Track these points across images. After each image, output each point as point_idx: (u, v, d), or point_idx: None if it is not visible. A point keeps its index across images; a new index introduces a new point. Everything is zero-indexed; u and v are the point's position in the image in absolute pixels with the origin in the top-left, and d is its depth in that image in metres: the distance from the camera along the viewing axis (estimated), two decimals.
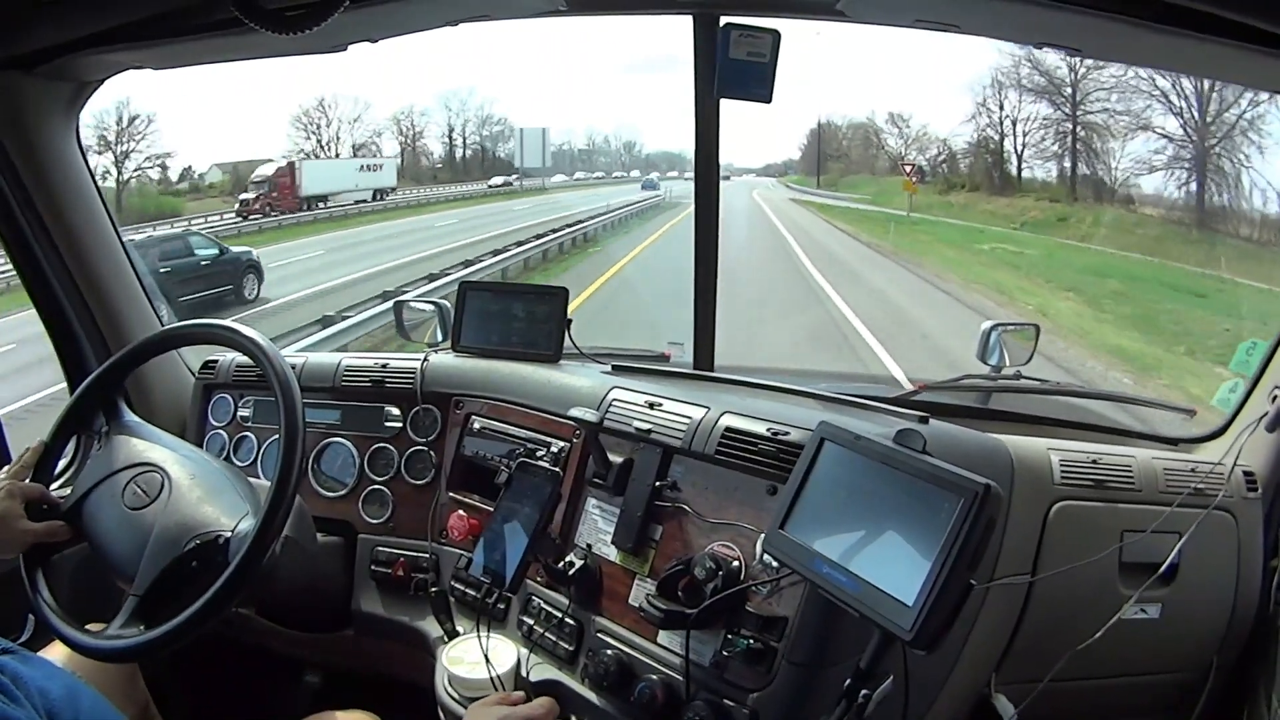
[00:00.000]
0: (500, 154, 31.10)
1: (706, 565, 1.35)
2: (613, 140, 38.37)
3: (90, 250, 1.93)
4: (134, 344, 1.63)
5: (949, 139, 27.28)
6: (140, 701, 1.62)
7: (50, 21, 1.54)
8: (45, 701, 1.20)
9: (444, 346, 2.10)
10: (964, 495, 1.04)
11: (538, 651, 1.57)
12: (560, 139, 34.91)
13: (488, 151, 31.22)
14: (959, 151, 26.20)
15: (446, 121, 30.22)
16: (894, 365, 8.89)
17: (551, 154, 30.92)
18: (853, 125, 33.17)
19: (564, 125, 45.59)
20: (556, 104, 47.16)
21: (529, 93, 46.83)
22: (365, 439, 1.95)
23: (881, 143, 30.69)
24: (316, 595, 1.86)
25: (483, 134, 30.93)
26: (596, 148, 37.69)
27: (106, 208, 1.96)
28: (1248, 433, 1.64)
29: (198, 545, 1.40)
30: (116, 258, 2.00)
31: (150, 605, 1.37)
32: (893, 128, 29.82)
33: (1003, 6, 1.46)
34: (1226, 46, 1.29)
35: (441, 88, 37.49)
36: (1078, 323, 11.86)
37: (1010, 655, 1.49)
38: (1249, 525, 1.61)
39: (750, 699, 1.32)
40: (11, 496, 1.44)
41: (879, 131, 30.92)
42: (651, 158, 38.44)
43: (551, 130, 32.15)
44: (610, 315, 11.14)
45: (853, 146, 33.56)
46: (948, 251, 18.26)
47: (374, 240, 18.39)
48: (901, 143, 29.53)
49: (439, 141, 30.24)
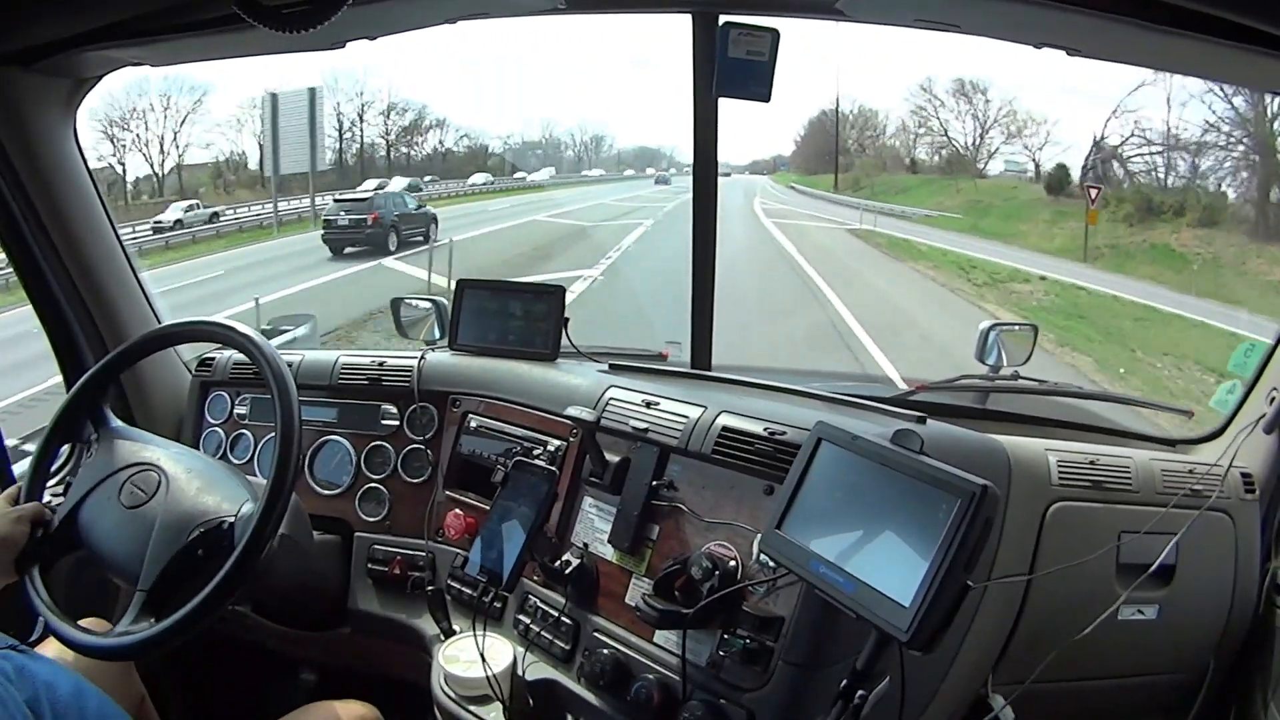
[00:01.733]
0: (419, 154, 28.01)
1: (703, 565, 1.35)
2: (577, 135, 34.93)
3: (87, 247, 1.93)
4: (127, 343, 1.62)
5: (1103, 131, 19.11)
6: (136, 698, 1.62)
7: (48, 17, 1.53)
8: (51, 696, 1.20)
9: (441, 344, 2.10)
10: (961, 496, 1.04)
11: (534, 650, 1.57)
12: (512, 133, 33.32)
13: (394, 148, 27.25)
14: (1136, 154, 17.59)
15: (334, 110, 25.34)
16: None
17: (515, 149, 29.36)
18: (864, 112, 28.43)
19: (519, 119, 43.14)
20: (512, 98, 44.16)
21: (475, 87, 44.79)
22: (362, 437, 1.95)
23: (934, 128, 24.35)
24: (313, 593, 1.86)
25: (389, 124, 26.94)
26: (551, 142, 33.99)
27: (104, 204, 1.96)
28: (1245, 434, 1.64)
29: (202, 533, 1.40)
30: (114, 254, 2.00)
31: (158, 598, 1.37)
32: (958, 103, 23.65)
33: (1002, 6, 1.46)
34: (1224, 47, 1.29)
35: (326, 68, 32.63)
36: None
37: (1007, 656, 1.49)
38: (1246, 526, 1.61)
39: (746, 699, 1.32)
40: (20, 521, 1.44)
41: (923, 109, 24.54)
42: (624, 155, 36.56)
43: (498, 126, 30.50)
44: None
45: (870, 137, 28.00)
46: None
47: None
48: (974, 125, 23.48)
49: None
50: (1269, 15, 1.17)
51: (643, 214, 21.66)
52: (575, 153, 34.59)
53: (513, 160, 30.75)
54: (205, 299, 11.75)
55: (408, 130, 27.50)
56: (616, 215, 22.22)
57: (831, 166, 29.57)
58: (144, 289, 2.08)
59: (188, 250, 16.98)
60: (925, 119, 25.94)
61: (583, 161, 34.61)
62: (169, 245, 17.03)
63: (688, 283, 2.05)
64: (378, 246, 15.06)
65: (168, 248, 16.92)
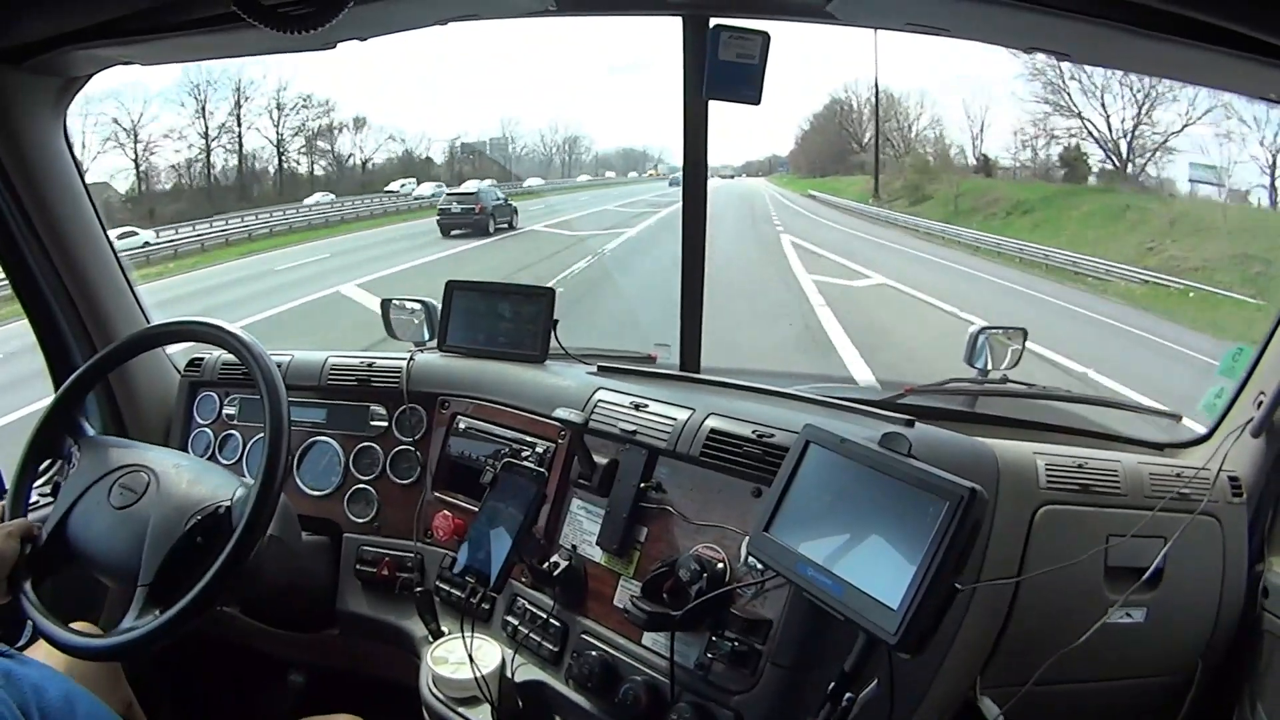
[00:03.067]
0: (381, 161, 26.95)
1: (691, 567, 1.35)
2: (547, 136, 32.54)
3: (76, 247, 1.92)
4: (115, 344, 1.62)
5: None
6: (124, 701, 1.61)
7: (38, 16, 1.53)
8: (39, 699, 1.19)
9: (430, 346, 2.10)
10: (949, 499, 1.04)
11: (522, 652, 1.57)
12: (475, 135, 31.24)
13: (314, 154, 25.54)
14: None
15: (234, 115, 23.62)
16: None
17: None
18: (887, 97, 23.04)
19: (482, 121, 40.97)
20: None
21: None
22: (351, 438, 1.95)
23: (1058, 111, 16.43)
24: (301, 594, 1.85)
25: (312, 129, 25.33)
26: (516, 143, 31.83)
27: (93, 204, 1.95)
28: (1233, 438, 1.64)
29: (199, 521, 1.41)
30: (103, 254, 1.99)
31: (161, 591, 1.37)
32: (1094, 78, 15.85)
33: (993, 11, 1.46)
34: (1213, 53, 1.29)
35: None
36: None
37: (995, 659, 1.49)
38: (1234, 530, 1.62)
39: (734, 701, 1.32)
40: (10, 537, 1.43)
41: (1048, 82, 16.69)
42: (605, 157, 34.90)
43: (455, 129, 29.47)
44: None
45: (898, 130, 21.71)
46: None
47: None
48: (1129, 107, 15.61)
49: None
50: (1256, 21, 1.18)
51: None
52: (551, 155, 32.86)
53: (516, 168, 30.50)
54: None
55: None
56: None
57: (844, 166, 24.87)
58: (133, 289, 2.07)
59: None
60: (1047, 97, 18.37)
61: (564, 166, 33.21)
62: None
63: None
64: (480, 230, 18.56)
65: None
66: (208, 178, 23.47)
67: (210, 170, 23.59)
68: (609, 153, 35.47)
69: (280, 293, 12.76)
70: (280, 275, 14.96)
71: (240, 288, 13.92)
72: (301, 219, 20.86)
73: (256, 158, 24.59)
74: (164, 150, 23.09)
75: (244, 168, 24.35)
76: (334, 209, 22.24)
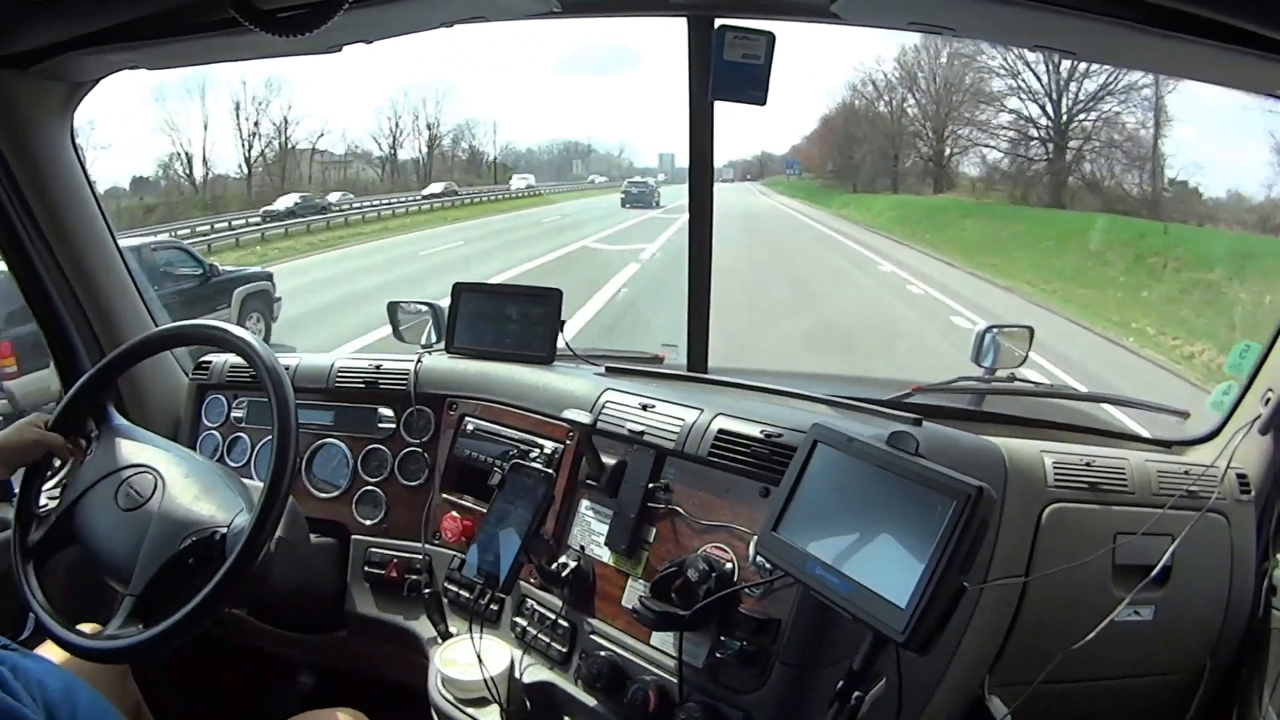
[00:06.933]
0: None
1: (699, 567, 1.34)
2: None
3: (84, 251, 1.93)
4: (126, 345, 1.63)
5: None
6: (131, 701, 1.62)
7: (45, 21, 1.53)
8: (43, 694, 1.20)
9: (438, 348, 2.10)
10: (957, 497, 1.04)
11: (531, 653, 1.57)
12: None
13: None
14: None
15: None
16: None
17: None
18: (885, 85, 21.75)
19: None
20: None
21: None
22: (359, 440, 1.95)
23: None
24: (309, 596, 1.86)
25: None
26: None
27: (101, 208, 1.96)
28: (1241, 435, 1.64)
29: (194, 542, 1.40)
30: (111, 258, 2.00)
31: (147, 604, 1.37)
32: None
33: (997, 9, 1.46)
34: (1219, 49, 1.29)
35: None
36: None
37: (1004, 657, 1.49)
38: (1242, 528, 1.61)
39: (743, 701, 1.31)
40: (40, 442, 1.51)
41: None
42: (594, 158, 35.66)
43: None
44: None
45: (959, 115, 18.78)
46: None
47: None
48: None
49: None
50: (1262, 18, 1.18)
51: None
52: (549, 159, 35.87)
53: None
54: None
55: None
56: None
57: (853, 172, 21.28)
58: (140, 292, 2.08)
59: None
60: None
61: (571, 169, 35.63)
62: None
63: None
64: (649, 204, 25.65)
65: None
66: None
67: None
68: (601, 155, 36.75)
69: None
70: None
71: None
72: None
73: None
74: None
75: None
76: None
